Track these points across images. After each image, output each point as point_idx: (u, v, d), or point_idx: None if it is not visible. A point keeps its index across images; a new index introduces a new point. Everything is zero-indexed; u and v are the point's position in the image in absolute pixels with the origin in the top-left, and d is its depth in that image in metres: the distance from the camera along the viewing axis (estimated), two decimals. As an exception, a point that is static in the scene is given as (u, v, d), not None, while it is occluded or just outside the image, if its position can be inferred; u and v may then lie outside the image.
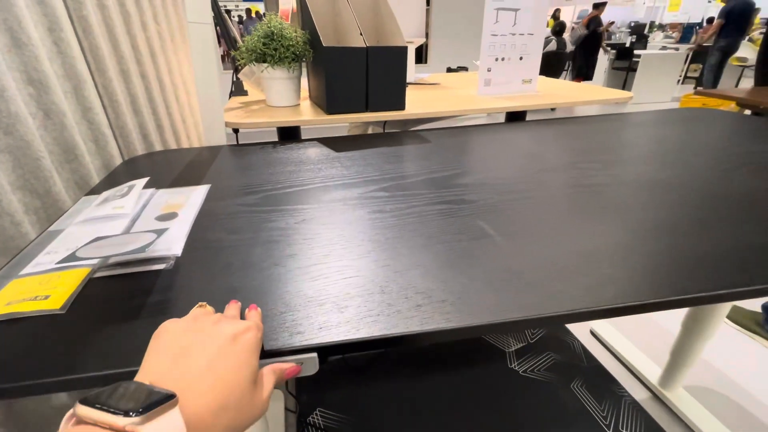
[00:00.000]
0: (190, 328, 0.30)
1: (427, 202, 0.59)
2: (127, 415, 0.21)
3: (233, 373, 0.27)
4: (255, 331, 0.31)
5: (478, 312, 0.36)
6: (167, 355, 0.28)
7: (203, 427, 0.24)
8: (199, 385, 0.26)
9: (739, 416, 1.15)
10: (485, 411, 1.15)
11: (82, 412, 0.22)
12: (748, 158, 0.76)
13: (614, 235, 0.49)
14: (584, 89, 1.41)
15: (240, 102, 1.22)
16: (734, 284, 0.39)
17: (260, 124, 1.01)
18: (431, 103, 1.20)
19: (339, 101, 1.02)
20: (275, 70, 1.04)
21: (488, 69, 1.29)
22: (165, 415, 0.22)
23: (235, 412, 0.26)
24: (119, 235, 0.48)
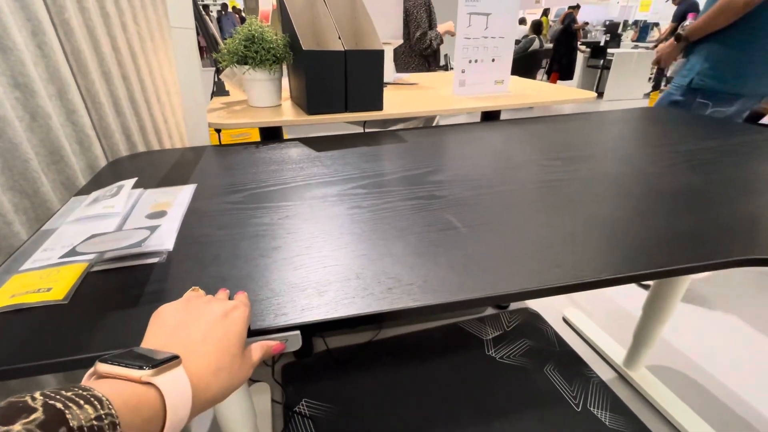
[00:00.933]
0: (184, 307, 0.35)
1: (401, 198, 0.64)
2: (141, 369, 0.25)
3: (225, 342, 0.32)
4: (243, 308, 0.36)
5: (441, 292, 0.42)
6: (166, 329, 0.32)
7: (204, 384, 0.29)
8: (197, 351, 0.30)
9: (695, 391, 1.25)
10: (465, 396, 1.22)
11: (102, 368, 0.26)
12: (690, 155, 0.84)
13: (565, 226, 0.55)
14: (552, 89, 1.49)
15: (222, 102, 1.24)
16: (660, 265, 0.45)
17: (243, 125, 1.04)
18: (409, 103, 1.25)
19: (319, 102, 1.06)
20: (256, 71, 1.07)
21: (462, 70, 1.35)
22: (172, 371, 0.27)
23: (228, 374, 0.31)
24: (114, 232, 0.51)
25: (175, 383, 0.26)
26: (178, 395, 0.26)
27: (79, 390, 0.22)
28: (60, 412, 0.20)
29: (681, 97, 1.49)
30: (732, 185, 0.69)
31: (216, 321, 0.33)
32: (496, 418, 1.15)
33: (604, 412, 1.17)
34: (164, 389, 0.25)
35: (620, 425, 1.13)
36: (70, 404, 0.20)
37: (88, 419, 0.20)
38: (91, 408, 0.21)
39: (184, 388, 0.27)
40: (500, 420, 1.14)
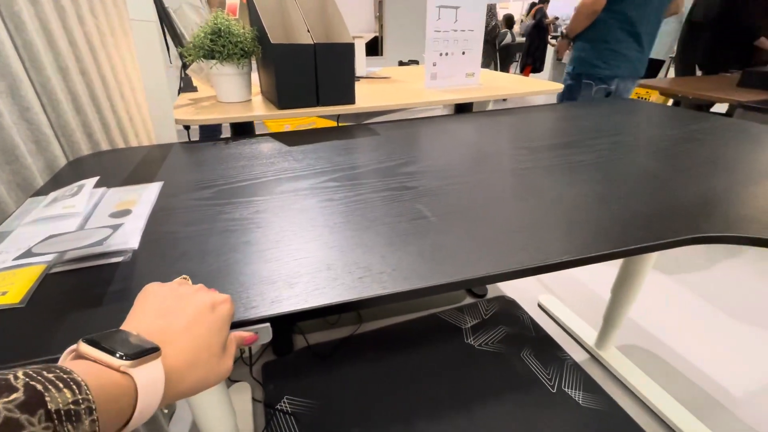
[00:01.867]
0: (174, 291, 0.34)
1: (373, 190, 0.64)
2: (121, 359, 0.25)
3: (207, 336, 0.32)
4: (229, 304, 0.36)
5: (411, 279, 0.42)
6: (153, 312, 0.32)
7: (177, 377, 0.29)
8: (177, 342, 0.30)
9: (660, 368, 1.32)
10: (446, 385, 1.24)
11: (84, 349, 0.26)
12: (650, 142, 0.88)
13: (530, 212, 0.57)
14: (522, 81, 1.52)
15: (190, 98, 1.21)
16: (617, 246, 0.48)
17: (212, 120, 1.02)
18: (381, 97, 1.25)
19: (290, 96, 1.04)
20: (224, 66, 1.05)
21: (434, 63, 1.36)
22: (150, 363, 0.27)
23: (204, 370, 0.31)
24: (74, 231, 0.49)
25: (151, 376, 0.26)
26: (151, 388, 0.26)
27: (60, 372, 0.22)
28: (40, 393, 0.20)
29: (572, 81, 1.93)
30: (687, 170, 0.72)
31: (202, 312, 0.33)
32: (476, 404, 1.17)
33: (577, 392, 1.22)
34: (139, 382, 0.25)
35: (593, 403, 1.18)
36: (50, 386, 0.20)
37: (66, 403, 0.20)
38: (69, 392, 0.21)
39: (158, 381, 0.27)
40: (481, 405, 1.17)
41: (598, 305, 1.55)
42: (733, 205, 0.60)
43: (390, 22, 4.24)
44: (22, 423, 0.18)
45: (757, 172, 0.73)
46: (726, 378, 1.28)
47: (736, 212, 0.57)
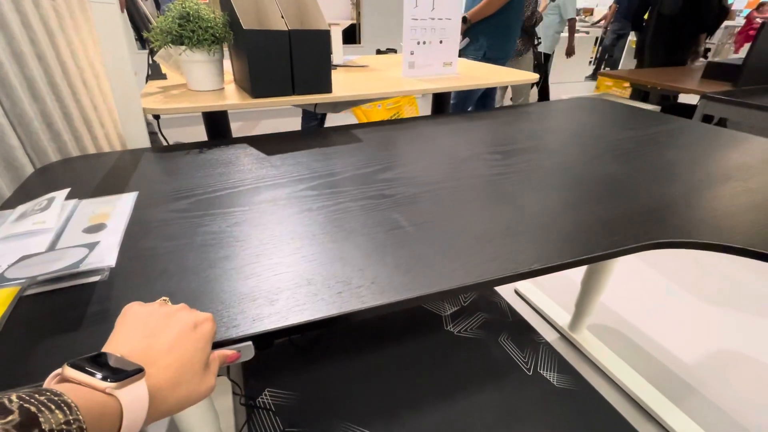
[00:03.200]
0: (156, 312, 0.35)
1: (351, 199, 0.65)
2: (105, 380, 0.27)
3: (190, 355, 0.33)
4: (211, 323, 0.37)
5: (388, 293, 0.44)
6: (136, 333, 0.33)
7: (161, 397, 0.30)
8: (161, 362, 0.31)
9: (630, 348, 1.40)
10: (426, 372, 1.29)
11: (70, 373, 0.27)
12: (613, 145, 0.91)
13: (502, 220, 0.59)
14: (498, 71, 1.53)
15: (158, 86, 1.16)
16: (583, 253, 0.51)
17: (183, 110, 0.97)
18: (359, 86, 1.23)
19: (264, 84, 1.01)
20: (194, 52, 1.00)
21: (411, 52, 1.35)
22: (134, 384, 0.28)
23: (187, 388, 0.32)
24: (47, 252, 0.49)
25: (135, 397, 0.28)
26: (136, 408, 0.28)
27: (51, 395, 0.23)
28: (34, 415, 0.21)
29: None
30: (648, 173, 0.76)
31: (185, 331, 0.34)
32: (457, 389, 1.23)
33: (552, 373, 1.29)
34: (124, 402, 0.27)
35: (566, 384, 1.25)
36: (42, 408, 0.22)
37: (59, 423, 0.22)
38: (61, 413, 0.22)
39: (142, 401, 0.28)
40: (461, 390, 1.22)
41: (571, 289, 1.62)
42: (691, 209, 0.63)
43: (368, 10, 4.14)
44: None
45: (713, 175, 0.77)
46: (691, 357, 1.37)
47: (692, 217, 0.61)
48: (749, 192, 0.69)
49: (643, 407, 1.19)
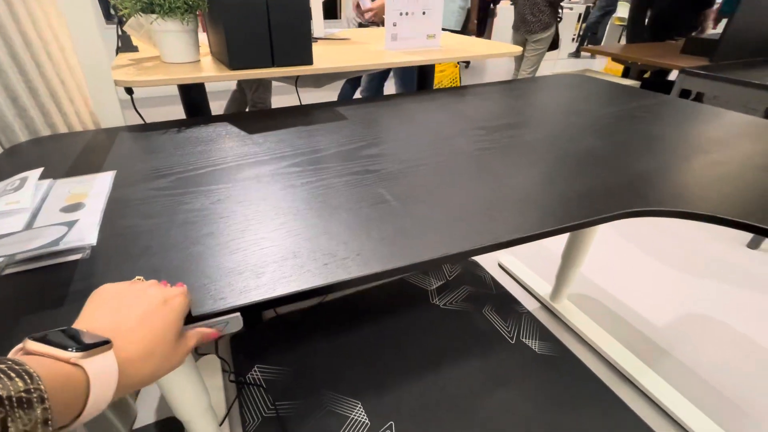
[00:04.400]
0: (126, 289, 0.35)
1: (335, 175, 0.65)
2: (69, 351, 0.27)
3: (161, 328, 0.33)
4: (183, 297, 0.37)
5: (372, 264, 0.45)
6: (105, 309, 0.33)
7: (133, 368, 0.31)
8: (131, 335, 0.31)
9: (607, 315, 1.46)
10: (413, 344, 1.32)
11: (32, 346, 0.27)
12: (594, 120, 0.93)
13: (484, 193, 0.60)
14: (480, 44, 1.52)
15: (130, 59, 1.10)
16: (561, 223, 0.52)
17: (157, 82, 0.92)
18: (340, 58, 1.20)
19: (242, 55, 0.98)
20: (167, 21, 0.95)
21: (393, 24, 1.33)
22: (102, 355, 0.28)
23: (159, 360, 0.33)
24: (23, 231, 0.48)
25: (103, 367, 0.28)
26: (104, 378, 0.28)
27: (12, 363, 0.23)
28: None
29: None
30: (625, 147, 0.78)
31: (155, 306, 0.34)
32: (443, 359, 1.27)
33: (534, 340, 1.34)
34: (90, 372, 0.27)
35: (547, 350, 1.31)
36: (2, 375, 0.22)
37: (18, 391, 0.22)
38: (21, 381, 0.22)
39: (111, 372, 0.28)
40: (447, 361, 1.26)
41: (552, 261, 1.67)
42: (664, 181, 0.66)
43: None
44: None
45: (686, 148, 0.79)
46: (663, 322, 1.44)
47: (665, 187, 0.63)
48: (719, 164, 0.72)
49: (619, 370, 1.25)
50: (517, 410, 1.13)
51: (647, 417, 1.11)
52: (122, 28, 1.12)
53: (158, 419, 1.10)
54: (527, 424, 1.09)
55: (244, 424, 1.09)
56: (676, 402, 1.14)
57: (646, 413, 1.13)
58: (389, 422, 1.10)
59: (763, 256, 1.78)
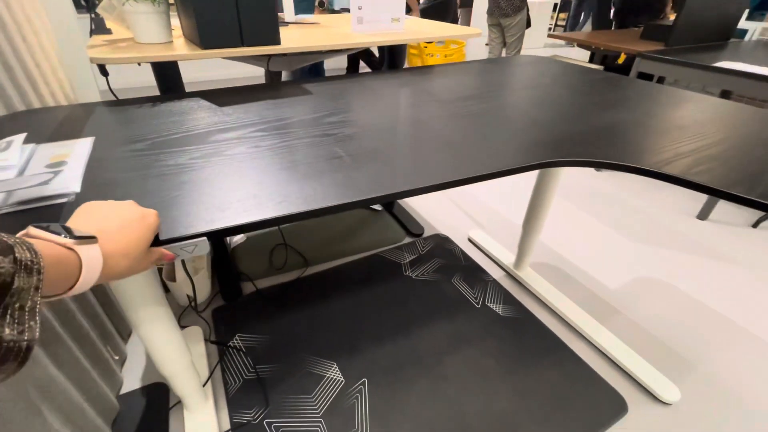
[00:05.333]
0: (109, 203, 0.44)
1: (296, 138, 0.73)
2: (65, 237, 0.35)
3: (137, 237, 0.42)
4: (155, 217, 0.46)
5: (321, 202, 0.53)
6: (91, 218, 0.41)
7: (113, 261, 0.39)
8: (113, 237, 0.40)
9: (566, 281, 1.58)
10: (387, 312, 1.41)
11: (34, 232, 0.35)
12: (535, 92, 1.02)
13: (423, 150, 0.69)
14: (441, 27, 1.60)
15: (104, 40, 1.14)
16: (484, 170, 0.61)
17: (131, 59, 0.97)
18: (309, 39, 1.27)
19: (212, 36, 1.03)
20: (138, 3, 0.99)
21: (359, 7, 1.40)
22: (90, 246, 0.36)
23: (133, 261, 0.41)
24: (15, 178, 0.54)
25: (91, 255, 0.36)
26: (91, 264, 0.36)
27: (23, 240, 0.30)
28: (11, 246, 0.28)
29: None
30: (561, 114, 0.87)
31: (134, 219, 0.43)
32: (414, 324, 1.36)
33: (498, 305, 1.45)
34: (82, 255, 0.35)
35: (510, 313, 1.42)
36: (18, 244, 0.29)
37: (27, 259, 0.29)
38: (29, 253, 0.30)
39: (97, 260, 0.37)
40: (418, 326, 1.36)
41: (518, 233, 1.79)
42: (593, 140, 0.75)
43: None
44: None
45: (619, 113, 0.89)
46: (615, 284, 1.57)
47: (594, 145, 0.73)
48: (635, 124, 0.82)
49: (574, 328, 1.37)
50: (480, 365, 1.23)
51: (599, 368, 1.23)
52: (95, 11, 1.16)
53: (143, 385, 1.16)
54: (488, 376, 1.19)
55: (226, 385, 1.16)
56: (624, 353, 1.26)
57: (599, 365, 1.24)
58: (362, 379, 1.18)
59: (710, 226, 1.93)
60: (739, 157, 0.67)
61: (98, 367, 1.03)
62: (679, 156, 0.68)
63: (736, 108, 0.93)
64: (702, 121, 0.84)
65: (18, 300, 0.28)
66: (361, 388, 1.16)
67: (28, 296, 0.29)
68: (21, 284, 0.28)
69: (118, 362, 1.19)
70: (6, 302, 0.27)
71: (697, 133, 0.77)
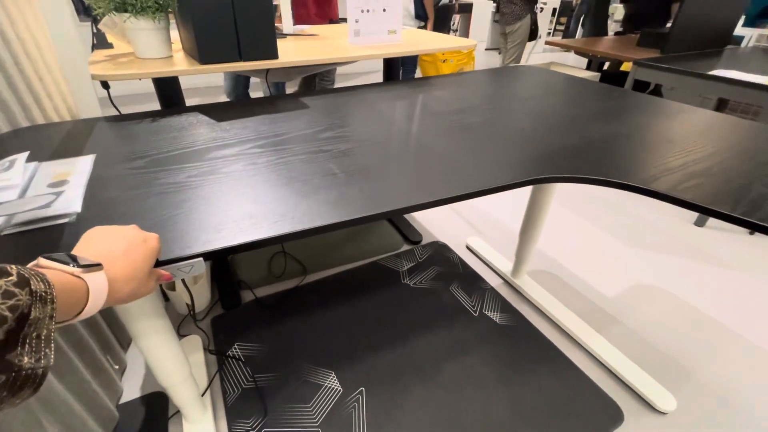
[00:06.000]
0: (113, 229, 0.45)
1: (292, 154, 0.74)
2: (74, 267, 0.36)
3: (140, 261, 0.43)
4: (157, 241, 0.47)
5: (317, 220, 0.55)
6: (96, 244, 0.43)
7: (117, 287, 0.41)
8: (117, 263, 0.41)
9: (563, 288, 1.59)
10: (385, 320, 1.42)
11: (44, 263, 0.36)
12: (529, 105, 1.04)
13: (417, 166, 0.71)
14: (438, 38, 1.62)
15: (105, 55, 1.16)
16: (468, 188, 0.63)
17: (131, 75, 0.99)
18: (307, 52, 1.29)
19: (211, 51, 1.05)
20: (139, 20, 1.02)
21: (356, 20, 1.42)
22: (96, 273, 0.38)
23: (137, 285, 0.43)
24: (17, 200, 0.56)
25: (97, 282, 0.38)
26: (98, 290, 0.38)
27: (37, 272, 0.32)
28: (27, 279, 0.30)
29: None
30: (550, 127, 0.88)
31: (136, 243, 0.44)
32: (412, 332, 1.37)
33: (495, 313, 1.46)
34: (89, 282, 0.37)
35: (508, 321, 1.43)
36: (33, 276, 0.31)
37: (41, 290, 0.31)
38: (43, 284, 0.32)
39: (103, 286, 0.39)
40: (415, 333, 1.37)
41: (515, 241, 1.80)
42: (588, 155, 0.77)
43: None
44: (15, 293, 0.29)
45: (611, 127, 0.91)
46: (612, 292, 1.58)
47: (592, 160, 0.74)
48: (626, 137, 0.84)
49: (571, 336, 1.38)
50: (477, 373, 1.24)
51: (596, 376, 1.24)
52: (97, 26, 1.19)
53: (143, 394, 1.18)
54: (485, 384, 1.20)
55: (225, 395, 1.17)
56: (620, 362, 1.27)
57: (595, 373, 1.25)
58: (360, 388, 1.19)
59: (707, 232, 1.94)
60: (726, 172, 0.68)
61: (98, 377, 1.04)
62: (667, 171, 0.69)
63: (726, 121, 0.94)
64: (691, 135, 0.85)
65: (35, 329, 0.30)
66: (358, 397, 1.17)
67: (44, 325, 0.31)
68: (37, 314, 0.30)
69: (118, 371, 1.20)
70: (25, 332, 0.29)
71: (686, 148, 0.78)
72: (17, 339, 0.28)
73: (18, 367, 0.28)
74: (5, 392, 0.28)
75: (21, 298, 0.29)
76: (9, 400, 0.29)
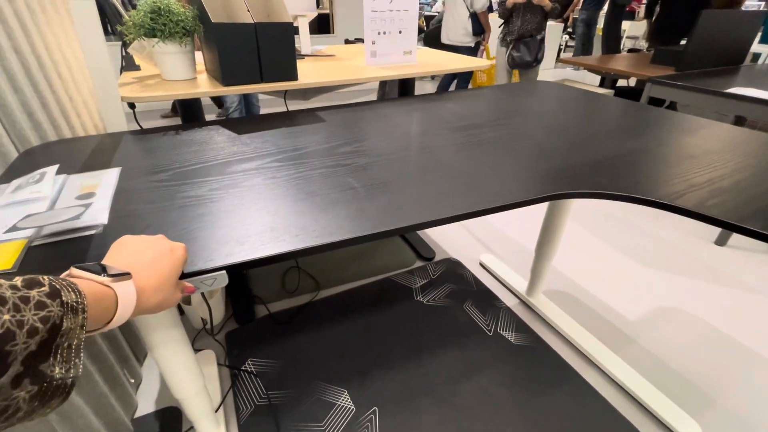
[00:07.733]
0: (142, 239, 0.46)
1: (311, 168, 0.75)
2: (102, 275, 0.37)
3: (167, 271, 0.44)
4: (184, 251, 0.48)
5: (337, 234, 0.55)
6: (125, 253, 0.43)
7: (144, 297, 0.41)
8: (144, 272, 0.42)
9: (579, 308, 1.55)
10: (398, 338, 1.40)
11: (76, 272, 0.37)
12: (545, 119, 1.04)
13: (435, 182, 0.71)
14: (453, 59, 1.64)
15: (133, 77, 1.22)
16: (486, 204, 0.62)
17: (159, 98, 1.04)
18: (324, 73, 1.32)
19: (234, 73, 1.09)
20: (167, 44, 1.07)
21: (372, 42, 1.45)
22: (125, 282, 0.39)
23: (164, 295, 0.43)
24: (48, 211, 0.57)
25: (126, 291, 0.39)
26: (127, 300, 0.38)
27: (69, 282, 0.33)
28: (59, 290, 0.31)
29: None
30: (570, 143, 0.88)
31: (164, 253, 0.45)
32: (425, 351, 1.35)
33: (510, 332, 1.43)
34: (118, 292, 0.38)
35: (523, 341, 1.39)
36: (64, 286, 0.32)
37: (72, 300, 0.32)
38: (74, 294, 0.32)
39: (131, 295, 0.39)
40: (429, 352, 1.34)
41: (529, 258, 1.77)
42: (606, 172, 0.76)
43: (340, 1, 4.21)
44: (47, 304, 0.29)
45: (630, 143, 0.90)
46: (630, 312, 1.53)
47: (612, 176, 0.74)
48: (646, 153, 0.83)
49: (588, 357, 1.34)
50: (491, 394, 1.20)
51: (613, 399, 1.19)
52: (126, 49, 1.25)
53: (157, 409, 1.17)
54: (500, 406, 1.17)
55: (238, 411, 1.16)
56: (639, 385, 1.22)
57: (612, 396, 1.21)
58: (373, 408, 1.17)
59: (728, 252, 1.89)
60: (753, 188, 0.67)
61: (115, 390, 1.04)
62: (692, 187, 0.68)
63: (748, 135, 0.93)
64: (714, 150, 0.84)
65: (66, 340, 0.30)
66: (371, 416, 1.14)
67: (75, 335, 0.31)
68: (69, 325, 0.31)
69: (134, 385, 1.20)
70: (57, 343, 0.29)
71: (710, 163, 0.77)
72: (49, 349, 0.29)
73: (50, 377, 0.29)
74: (36, 402, 0.28)
75: (52, 309, 0.29)
76: (40, 411, 0.29)
